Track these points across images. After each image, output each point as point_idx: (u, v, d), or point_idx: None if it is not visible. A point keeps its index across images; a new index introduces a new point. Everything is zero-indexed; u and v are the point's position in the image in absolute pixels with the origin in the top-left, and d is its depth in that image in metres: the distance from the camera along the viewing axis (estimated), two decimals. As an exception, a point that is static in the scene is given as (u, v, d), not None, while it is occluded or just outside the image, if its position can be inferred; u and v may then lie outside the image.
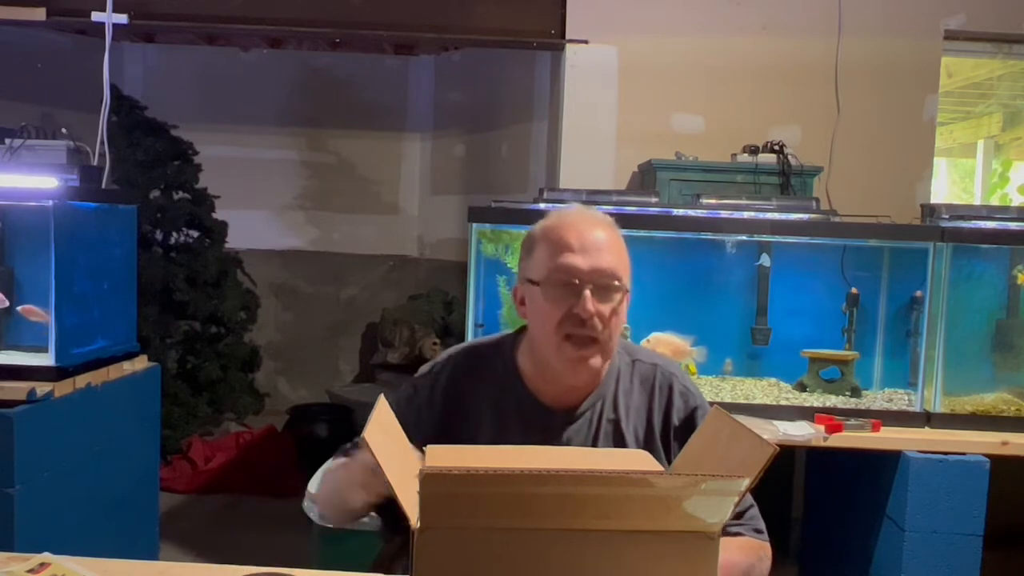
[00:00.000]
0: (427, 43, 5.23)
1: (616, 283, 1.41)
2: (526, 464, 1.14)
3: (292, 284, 5.83)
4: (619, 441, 1.49)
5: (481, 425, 1.48)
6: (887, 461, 2.62)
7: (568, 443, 1.47)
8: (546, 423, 1.47)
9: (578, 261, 1.40)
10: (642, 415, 1.51)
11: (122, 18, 3.35)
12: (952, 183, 6.13)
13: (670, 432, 1.50)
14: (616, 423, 1.49)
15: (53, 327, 2.57)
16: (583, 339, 1.41)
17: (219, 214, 4.96)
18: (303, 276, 5.84)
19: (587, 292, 1.39)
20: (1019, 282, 2.91)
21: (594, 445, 1.48)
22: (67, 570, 1.35)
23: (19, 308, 2.71)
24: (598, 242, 1.42)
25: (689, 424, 1.50)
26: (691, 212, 2.88)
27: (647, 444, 1.49)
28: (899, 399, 2.86)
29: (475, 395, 1.51)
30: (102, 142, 3.08)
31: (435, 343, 4.92)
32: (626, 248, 1.48)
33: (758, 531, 1.49)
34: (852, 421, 2.64)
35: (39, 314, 2.66)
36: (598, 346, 1.42)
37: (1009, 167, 5.53)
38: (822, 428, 2.62)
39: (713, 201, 2.94)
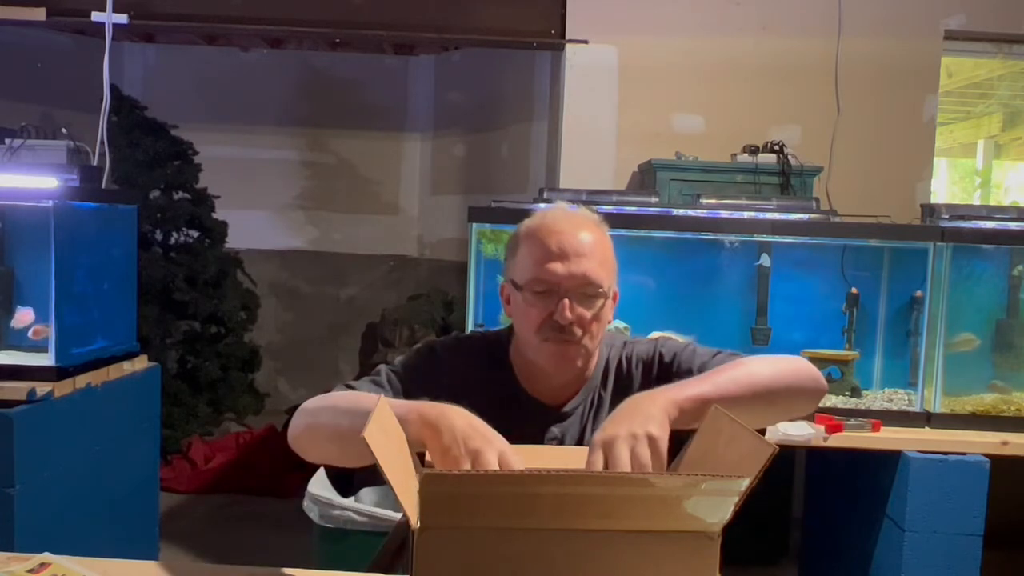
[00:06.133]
0: (427, 43, 5.23)
1: (597, 290, 1.40)
2: (526, 464, 1.14)
3: (292, 284, 5.83)
4: None
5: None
6: (887, 461, 2.62)
7: (562, 440, 1.47)
8: (540, 419, 1.48)
9: (558, 269, 1.39)
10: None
11: (122, 18, 3.35)
12: (952, 183, 6.14)
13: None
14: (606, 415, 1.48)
15: (53, 327, 2.57)
16: (563, 341, 1.41)
17: (219, 214, 4.96)
18: (303, 276, 5.83)
19: (566, 301, 1.39)
20: None
21: (585, 441, 1.47)
22: (67, 570, 1.34)
23: (14, 323, 2.70)
24: (580, 247, 1.40)
25: (662, 366, 1.49)
26: (691, 212, 2.88)
27: None
28: (899, 399, 2.86)
29: (468, 386, 1.46)
30: (102, 142, 3.08)
31: (435, 343, 4.91)
32: (611, 247, 1.46)
33: None
34: (852, 421, 2.64)
35: (41, 331, 2.66)
36: (579, 348, 1.42)
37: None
38: (822, 428, 2.62)
39: (713, 201, 2.94)
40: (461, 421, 1.17)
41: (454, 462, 1.12)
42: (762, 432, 1.47)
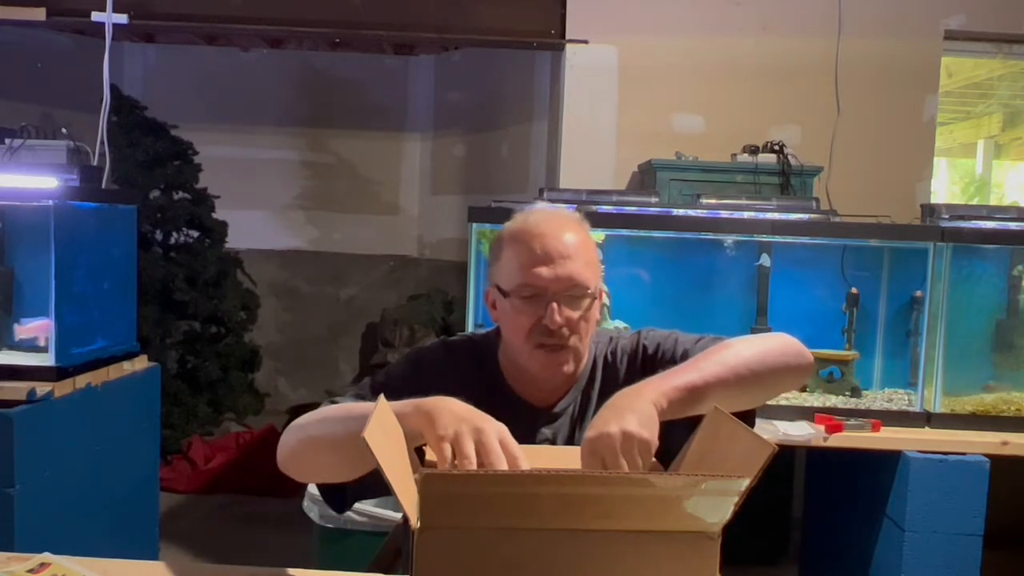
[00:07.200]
0: (427, 43, 5.24)
1: (584, 291, 1.40)
2: (526, 464, 1.14)
3: (292, 284, 5.83)
4: None
5: None
6: (887, 461, 2.62)
7: (553, 440, 1.47)
8: (530, 420, 1.47)
9: (543, 272, 1.38)
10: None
11: (122, 18, 3.35)
12: (952, 183, 6.14)
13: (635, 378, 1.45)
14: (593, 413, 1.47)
15: (53, 327, 2.57)
16: (553, 347, 1.41)
17: (219, 214, 4.96)
18: (303, 276, 5.84)
19: (554, 305, 1.38)
20: None
21: (575, 441, 1.46)
22: (67, 570, 1.35)
23: (32, 335, 2.70)
24: (564, 249, 1.39)
25: (646, 357, 1.49)
26: (691, 212, 2.88)
27: None
28: (899, 399, 2.86)
29: (457, 390, 1.41)
30: (102, 142, 3.08)
31: (435, 343, 4.91)
32: (595, 246, 1.46)
33: None
34: (852, 421, 2.64)
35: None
36: (569, 352, 1.42)
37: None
38: (822, 428, 2.62)
39: (713, 201, 2.94)
40: (459, 406, 1.18)
41: (455, 440, 1.12)
42: (755, 412, 1.48)
